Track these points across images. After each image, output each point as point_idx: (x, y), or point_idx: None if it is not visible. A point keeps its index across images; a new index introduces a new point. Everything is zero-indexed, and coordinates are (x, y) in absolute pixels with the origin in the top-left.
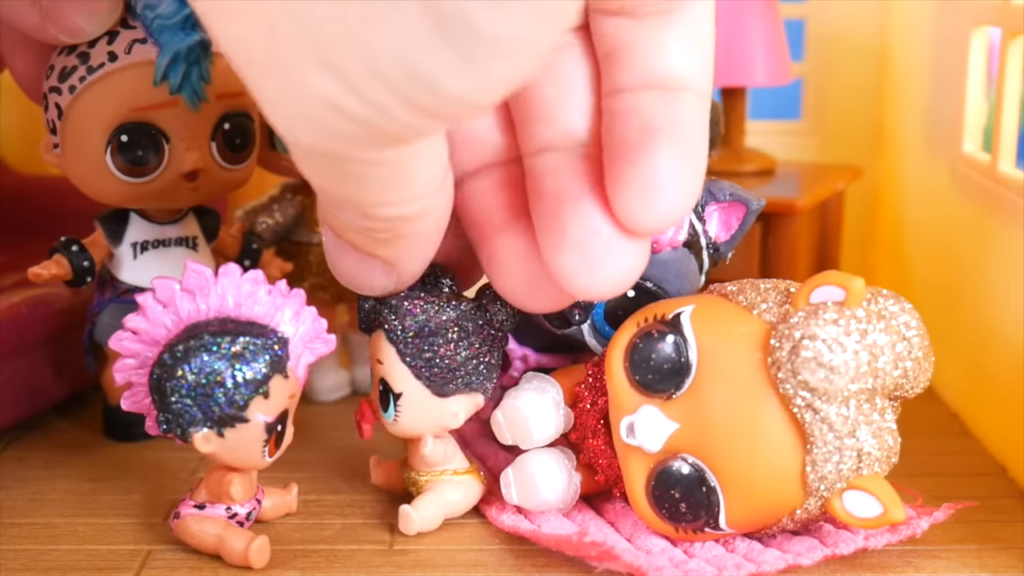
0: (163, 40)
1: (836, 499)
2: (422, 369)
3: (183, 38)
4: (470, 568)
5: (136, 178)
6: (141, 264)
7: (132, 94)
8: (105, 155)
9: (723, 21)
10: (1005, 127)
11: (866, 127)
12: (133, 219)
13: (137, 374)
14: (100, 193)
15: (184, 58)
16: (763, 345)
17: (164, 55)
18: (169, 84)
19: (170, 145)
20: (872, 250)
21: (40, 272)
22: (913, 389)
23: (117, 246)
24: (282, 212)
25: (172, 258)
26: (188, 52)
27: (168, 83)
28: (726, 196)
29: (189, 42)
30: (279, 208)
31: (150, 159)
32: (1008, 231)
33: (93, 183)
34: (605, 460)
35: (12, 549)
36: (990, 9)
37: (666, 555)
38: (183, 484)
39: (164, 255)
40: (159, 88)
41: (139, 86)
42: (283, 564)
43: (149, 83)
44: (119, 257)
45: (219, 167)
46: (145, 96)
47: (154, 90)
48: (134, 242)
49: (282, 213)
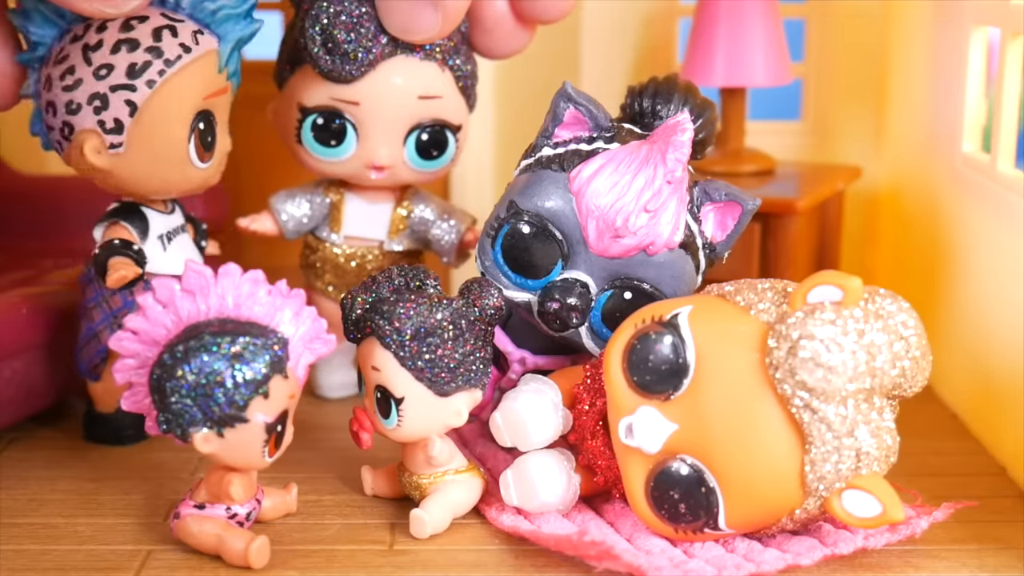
0: (226, 29)
1: (835, 499)
2: (423, 371)
3: (245, 26)
4: (470, 568)
5: (206, 163)
6: (173, 254)
7: (203, 83)
8: (189, 144)
9: (723, 21)
10: (1004, 127)
11: (866, 127)
12: (149, 213)
13: (137, 374)
14: (171, 185)
15: (241, 45)
16: (761, 345)
17: (227, 42)
18: (228, 71)
19: (218, 129)
20: (872, 250)
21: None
22: (911, 388)
23: (144, 241)
24: (311, 210)
25: (184, 244)
26: (248, 39)
27: (227, 70)
28: (721, 196)
29: (251, 29)
30: (310, 206)
31: (215, 143)
32: (1007, 231)
33: (166, 176)
34: (604, 461)
35: (12, 549)
36: (990, 9)
37: (666, 555)
38: (183, 484)
39: (182, 243)
40: (218, 76)
41: (208, 75)
42: (283, 564)
43: (213, 72)
44: (149, 252)
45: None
46: (212, 84)
47: (215, 78)
48: (160, 234)
49: (310, 214)
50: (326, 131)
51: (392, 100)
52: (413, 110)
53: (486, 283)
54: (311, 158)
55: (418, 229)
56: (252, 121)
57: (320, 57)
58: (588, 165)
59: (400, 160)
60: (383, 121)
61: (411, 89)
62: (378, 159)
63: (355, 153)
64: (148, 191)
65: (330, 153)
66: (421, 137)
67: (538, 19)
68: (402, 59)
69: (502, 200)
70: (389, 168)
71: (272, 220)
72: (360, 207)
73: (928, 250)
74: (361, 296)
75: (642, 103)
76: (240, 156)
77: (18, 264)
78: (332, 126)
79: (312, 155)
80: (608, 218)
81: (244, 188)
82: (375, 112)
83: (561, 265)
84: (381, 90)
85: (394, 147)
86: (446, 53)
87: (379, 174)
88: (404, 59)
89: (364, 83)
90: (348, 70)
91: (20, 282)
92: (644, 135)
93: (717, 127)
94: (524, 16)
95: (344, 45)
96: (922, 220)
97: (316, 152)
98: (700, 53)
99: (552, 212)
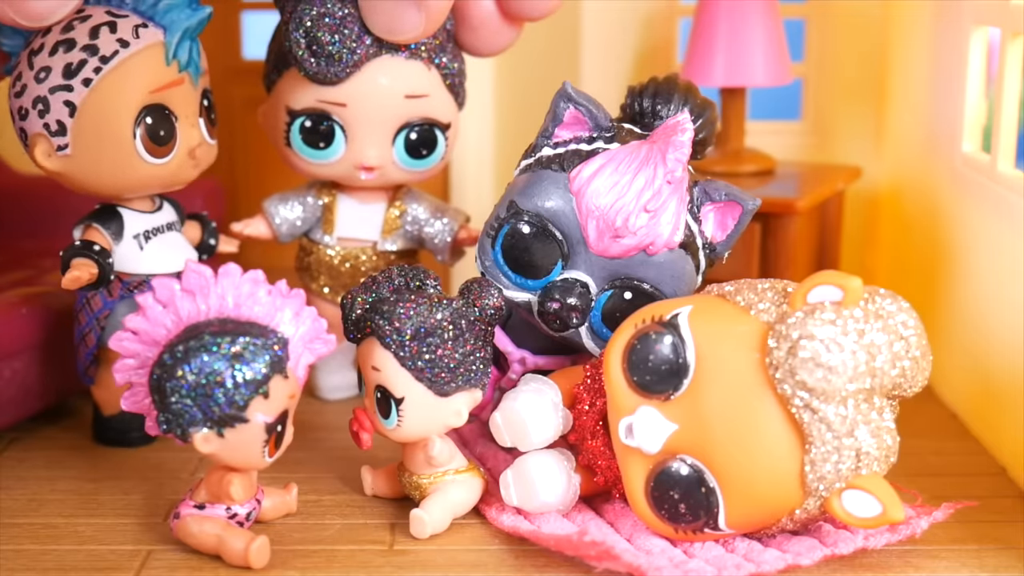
0: (170, 19)
1: (835, 499)
2: (423, 371)
3: (190, 15)
4: (470, 568)
5: (161, 159)
6: (150, 253)
7: (149, 77)
8: (134, 141)
9: (723, 21)
10: (1004, 127)
11: (866, 127)
12: (125, 213)
13: (137, 374)
14: (124, 183)
15: (190, 35)
16: (761, 345)
17: (173, 33)
18: (179, 62)
19: (178, 123)
20: (872, 250)
21: (79, 277)
22: (911, 388)
23: (119, 242)
24: (304, 213)
25: (171, 242)
26: (196, 28)
27: (177, 62)
28: (721, 196)
29: (198, 18)
30: (302, 208)
31: (171, 138)
32: (1007, 231)
33: (117, 175)
34: (604, 461)
35: (12, 549)
36: (990, 9)
37: (666, 555)
38: (183, 484)
39: (164, 240)
40: (167, 69)
41: (153, 68)
42: (283, 564)
43: (160, 64)
44: (123, 252)
45: (207, 143)
46: (159, 77)
47: (164, 71)
48: (136, 234)
49: (303, 217)
50: (314, 133)
51: (379, 100)
52: (400, 110)
53: (486, 283)
54: (300, 161)
55: (411, 229)
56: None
57: (305, 59)
58: (588, 165)
59: (389, 160)
60: (371, 122)
61: (397, 89)
62: (367, 160)
63: (344, 155)
64: (105, 191)
65: (319, 155)
66: (410, 136)
67: (524, 17)
68: (387, 59)
69: (502, 200)
70: (379, 169)
71: (266, 224)
72: (352, 208)
73: (928, 250)
74: (361, 296)
75: (642, 103)
76: (237, 157)
77: (17, 264)
78: (320, 128)
79: (301, 158)
80: (608, 218)
81: (240, 189)
82: (362, 113)
83: (561, 265)
84: (367, 91)
85: (383, 147)
86: (432, 51)
87: (369, 175)
88: (389, 59)
89: (350, 84)
90: (333, 72)
91: (19, 282)
92: (644, 135)
93: (717, 127)
94: (510, 14)
95: (328, 47)
96: (922, 220)
97: (305, 155)
98: (700, 53)
99: (552, 212)
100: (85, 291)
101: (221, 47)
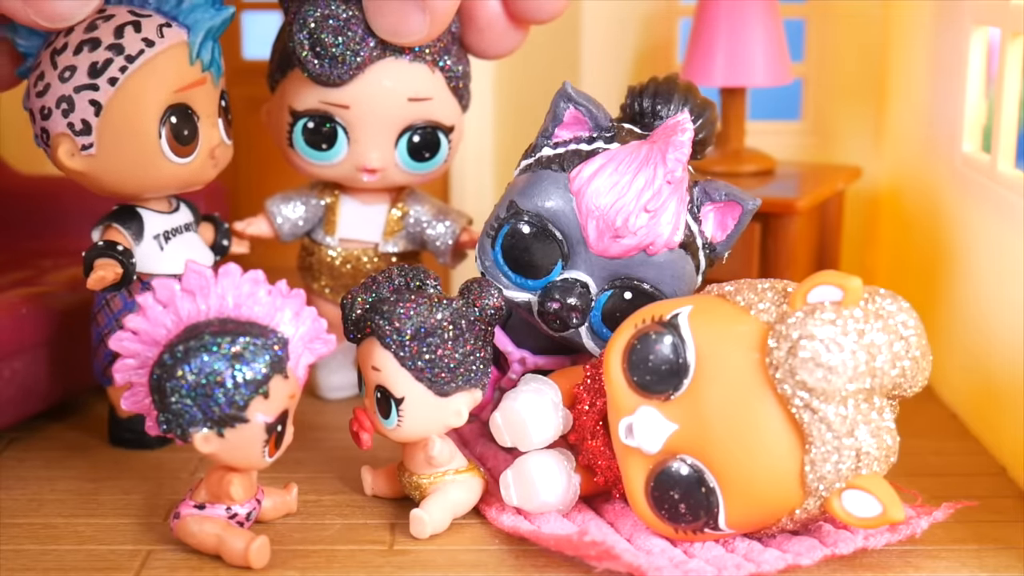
0: (194, 19)
1: (835, 499)
2: (423, 372)
3: (214, 15)
4: (470, 568)
5: (185, 158)
6: (171, 253)
7: (173, 76)
8: (160, 140)
9: (723, 21)
10: (1004, 127)
11: (866, 127)
12: (144, 214)
13: (137, 374)
14: (147, 183)
15: (213, 35)
16: (761, 345)
17: (196, 33)
18: (202, 62)
19: (200, 123)
20: (872, 250)
21: (104, 277)
22: (911, 388)
23: (139, 243)
24: (306, 213)
25: (190, 243)
26: (219, 28)
27: (200, 61)
28: (721, 196)
29: (221, 18)
30: (305, 208)
31: (194, 138)
32: (1008, 231)
33: (140, 174)
34: (604, 461)
35: (12, 549)
36: (990, 9)
37: (666, 555)
38: (183, 484)
39: (183, 241)
40: (191, 68)
41: (177, 68)
42: (283, 564)
43: (184, 64)
44: (144, 253)
45: (224, 143)
46: (184, 76)
47: (188, 70)
48: (155, 234)
49: (305, 217)
50: (317, 135)
51: (382, 103)
52: (404, 112)
53: (486, 283)
54: (303, 162)
55: (413, 230)
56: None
57: (308, 61)
58: (588, 165)
59: (392, 162)
60: (374, 124)
61: (401, 91)
62: (369, 162)
63: (346, 156)
64: (128, 190)
65: (321, 157)
66: (413, 139)
67: (531, 19)
68: (391, 61)
69: (502, 200)
70: (381, 171)
71: (268, 223)
72: (355, 209)
73: (928, 250)
74: (361, 296)
75: (642, 103)
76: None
77: (18, 264)
78: (323, 130)
79: (304, 159)
80: (608, 218)
81: (242, 189)
82: (365, 115)
83: (561, 265)
84: (371, 93)
85: (385, 150)
86: (436, 54)
87: (371, 177)
88: (393, 61)
89: (353, 86)
90: (337, 74)
91: (20, 282)
92: (644, 135)
93: (717, 127)
94: (517, 16)
95: (332, 49)
96: (922, 220)
97: (308, 156)
98: (700, 53)
99: (552, 212)
100: (105, 292)
101: (221, 47)
